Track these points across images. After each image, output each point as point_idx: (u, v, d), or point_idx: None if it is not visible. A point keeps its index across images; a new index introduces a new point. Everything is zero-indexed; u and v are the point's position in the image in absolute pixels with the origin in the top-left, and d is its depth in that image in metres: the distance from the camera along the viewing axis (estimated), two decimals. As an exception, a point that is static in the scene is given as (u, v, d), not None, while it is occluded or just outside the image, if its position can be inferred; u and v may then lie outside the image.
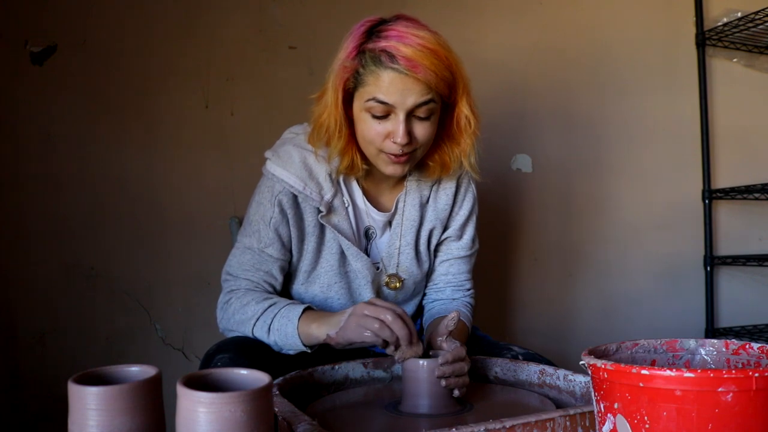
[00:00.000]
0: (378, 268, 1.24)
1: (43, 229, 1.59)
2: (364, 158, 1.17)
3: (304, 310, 1.09)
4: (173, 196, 1.69)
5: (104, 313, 1.63)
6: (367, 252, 1.25)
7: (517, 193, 2.00)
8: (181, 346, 1.70)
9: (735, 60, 2.19)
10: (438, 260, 1.32)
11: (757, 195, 2.12)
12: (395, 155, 1.11)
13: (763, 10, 1.95)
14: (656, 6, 2.12)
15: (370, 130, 1.10)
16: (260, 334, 1.13)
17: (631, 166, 2.11)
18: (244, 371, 0.67)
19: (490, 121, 2.01)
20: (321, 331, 1.05)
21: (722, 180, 2.18)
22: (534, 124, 2.01)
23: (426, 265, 1.29)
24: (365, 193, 1.24)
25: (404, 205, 1.25)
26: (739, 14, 2.05)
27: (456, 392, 0.98)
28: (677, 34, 2.15)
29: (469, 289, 1.34)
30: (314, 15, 1.79)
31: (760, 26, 2.03)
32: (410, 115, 1.09)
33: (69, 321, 1.60)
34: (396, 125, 1.07)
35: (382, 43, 1.05)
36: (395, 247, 1.25)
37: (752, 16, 1.99)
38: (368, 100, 1.07)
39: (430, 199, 1.27)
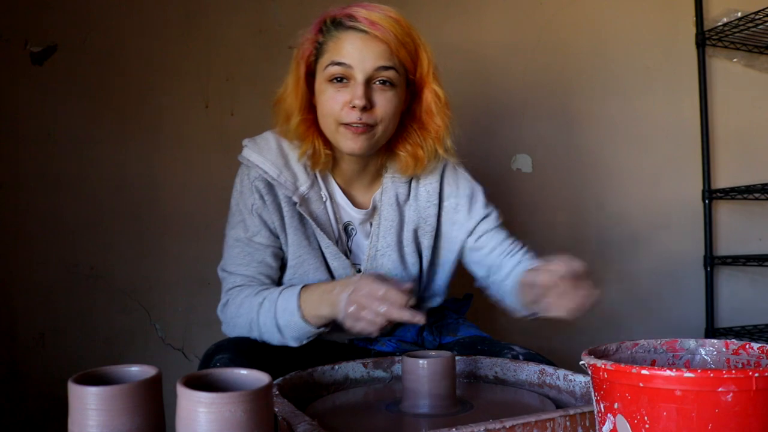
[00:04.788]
0: (359, 270, 1.21)
1: (43, 229, 1.59)
2: (327, 144, 1.14)
3: (299, 296, 1.06)
4: (173, 196, 1.69)
5: (104, 313, 1.63)
6: (349, 249, 1.22)
7: (517, 193, 2.00)
8: (181, 346, 1.70)
9: (735, 60, 2.19)
10: (481, 253, 1.25)
11: (757, 195, 2.12)
12: (354, 127, 1.07)
13: (763, 10, 1.95)
14: (656, 6, 2.12)
15: (329, 99, 1.08)
16: (271, 337, 1.10)
17: (631, 166, 2.11)
18: (244, 371, 0.67)
19: (490, 121, 2.03)
20: (331, 310, 1.03)
21: (722, 180, 2.18)
22: (534, 124, 2.01)
23: (415, 268, 1.23)
24: (342, 190, 1.21)
25: (381, 205, 1.21)
26: (739, 14, 2.05)
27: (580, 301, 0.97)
28: (677, 34, 2.15)
29: (522, 246, 1.25)
30: (314, 15, 1.78)
31: (760, 26, 2.03)
32: (370, 83, 1.07)
33: (69, 321, 1.60)
34: (354, 88, 1.06)
35: (346, 10, 1.08)
36: (375, 250, 1.21)
37: (752, 16, 1.99)
38: (327, 66, 1.07)
39: (411, 198, 1.23)
